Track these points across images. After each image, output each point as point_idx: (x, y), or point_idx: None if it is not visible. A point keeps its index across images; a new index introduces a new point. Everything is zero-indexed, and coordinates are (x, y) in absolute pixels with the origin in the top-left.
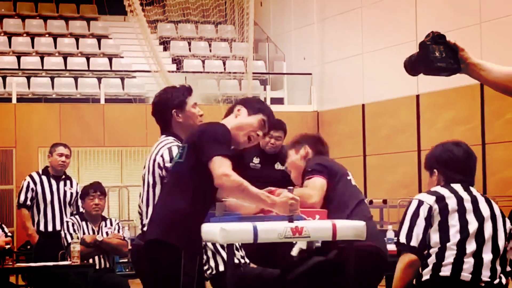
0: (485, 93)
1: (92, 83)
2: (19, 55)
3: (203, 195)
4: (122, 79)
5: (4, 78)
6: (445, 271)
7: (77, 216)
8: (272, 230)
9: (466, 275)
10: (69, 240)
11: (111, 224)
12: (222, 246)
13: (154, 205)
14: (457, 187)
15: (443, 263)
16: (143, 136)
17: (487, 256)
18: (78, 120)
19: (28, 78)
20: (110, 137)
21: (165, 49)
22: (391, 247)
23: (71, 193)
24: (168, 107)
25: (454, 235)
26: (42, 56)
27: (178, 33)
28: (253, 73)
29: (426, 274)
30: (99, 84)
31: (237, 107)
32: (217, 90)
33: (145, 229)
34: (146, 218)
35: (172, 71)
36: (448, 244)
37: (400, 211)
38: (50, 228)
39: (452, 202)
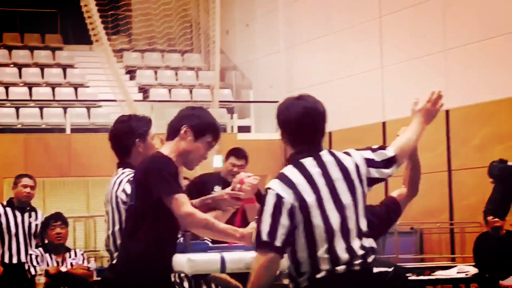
0: (451, 119)
1: (58, 113)
2: None
3: (162, 232)
4: (88, 108)
5: None
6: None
7: (41, 248)
8: (240, 260)
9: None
10: (33, 272)
11: (76, 255)
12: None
13: (120, 243)
14: (309, 163)
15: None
16: (109, 165)
17: (356, 243)
18: (43, 150)
19: None
20: (76, 167)
21: (131, 78)
22: None
23: (36, 225)
24: (131, 135)
25: (321, 239)
26: (7, 86)
27: (144, 62)
28: (220, 101)
29: (303, 282)
30: (65, 114)
31: (183, 129)
32: None
33: (114, 262)
34: (115, 251)
35: (139, 100)
36: (318, 254)
37: None
38: (14, 260)
39: (309, 195)
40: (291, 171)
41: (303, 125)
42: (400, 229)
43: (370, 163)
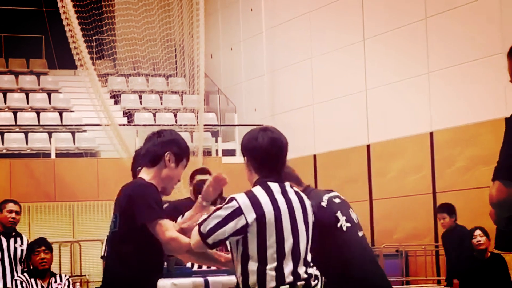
0: (435, 141)
1: (43, 138)
2: None
3: (146, 257)
4: (73, 133)
5: None
6: None
7: (25, 274)
8: (223, 284)
9: None
10: None
11: (61, 280)
12: None
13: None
14: (276, 188)
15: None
16: (94, 190)
17: (302, 268)
18: (28, 175)
19: None
20: (61, 191)
21: (116, 102)
22: None
23: (22, 250)
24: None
25: (272, 258)
26: None
27: (129, 86)
28: (205, 125)
29: None
30: (50, 139)
31: (167, 155)
32: None
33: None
34: None
35: (123, 125)
36: (267, 271)
37: None
38: (0, 286)
39: (271, 216)
40: (258, 191)
41: (270, 153)
42: (386, 251)
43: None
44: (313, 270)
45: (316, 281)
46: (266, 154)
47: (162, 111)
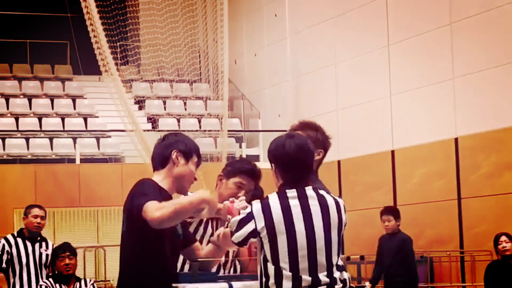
0: (460, 147)
1: (67, 143)
2: None
3: (152, 258)
4: (97, 138)
5: None
6: None
7: (51, 279)
8: None
9: None
10: None
11: (86, 285)
12: None
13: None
14: (291, 194)
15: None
16: (118, 195)
17: (323, 272)
18: (53, 181)
19: (3, 139)
20: (85, 197)
21: (140, 108)
22: None
23: (47, 255)
24: None
25: (285, 262)
26: (17, 117)
27: (153, 92)
28: (229, 130)
29: None
30: (74, 144)
31: (174, 154)
32: None
33: None
34: None
35: (148, 130)
36: (284, 274)
37: None
38: None
39: (280, 222)
40: (273, 198)
41: (296, 160)
42: None
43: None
44: (340, 274)
45: (342, 284)
46: (293, 161)
47: (186, 116)
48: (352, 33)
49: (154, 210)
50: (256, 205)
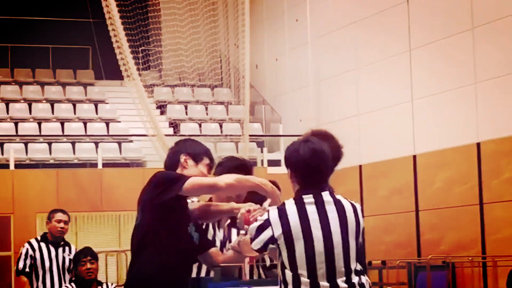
0: (482, 152)
1: (90, 148)
2: (16, 121)
3: (166, 255)
4: (119, 143)
5: (1, 144)
6: None
7: (73, 284)
8: None
9: None
10: None
11: None
12: None
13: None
14: (308, 200)
15: None
16: None
17: (341, 277)
18: (75, 185)
19: (26, 144)
20: (107, 201)
21: (162, 113)
22: None
23: (70, 259)
24: None
25: (303, 268)
26: (39, 121)
27: (175, 96)
28: (250, 135)
29: None
30: (96, 149)
31: (182, 157)
32: (214, 153)
33: None
34: None
35: (169, 135)
36: (301, 280)
37: (399, 272)
38: None
39: (297, 228)
40: (289, 204)
41: (311, 165)
42: (432, 263)
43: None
44: (358, 279)
45: None
46: (308, 166)
47: (208, 121)
48: (374, 38)
49: (215, 179)
50: (273, 211)
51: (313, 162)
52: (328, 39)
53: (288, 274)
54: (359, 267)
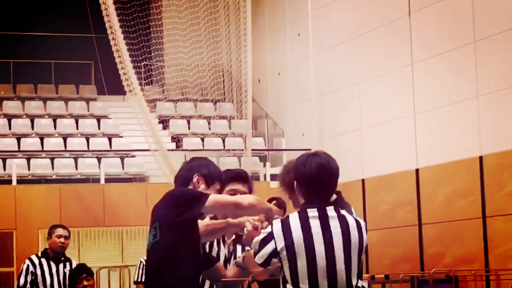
0: (485, 166)
1: (92, 163)
2: (19, 137)
3: (194, 262)
4: (122, 158)
5: (4, 160)
6: None
7: None
8: None
9: None
10: None
11: None
12: None
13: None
14: (312, 214)
15: None
16: (143, 215)
17: None
18: (78, 201)
19: (28, 160)
20: (110, 217)
21: (164, 127)
22: None
23: None
24: None
25: (304, 282)
26: (42, 137)
27: (177, 111)
28: (253, 149)
29: None
30: (99, 164)
31: (196, 177)
32: None
33: None
34: None
35: (172, 150)
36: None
37: (402, 286)
38: None
39: (299, 242)
40: (293, 218)
41: (316, 179)
42: (435, 276)
43: None
44: None
45: None
46: (313, 180)
47: (210, 136)
48: (376, 52)
49: (237, 198)
50: (277, 225)
51: (319, 177)
52: (330, 53)
53: (290, 286)
54: (360, 283)
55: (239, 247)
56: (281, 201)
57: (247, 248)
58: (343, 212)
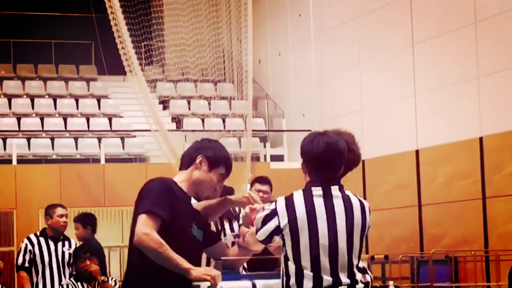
0: (485, 147)
1: (92, 143)
2: (19, 117)
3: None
4: (122, 138)
5: (4, 139)
6: None
7: (72, 279)
8: (271, 287)
9: None
10: None
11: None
12: None
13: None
14: (317, 192)
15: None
16: None
17: (344, 272)
18: (78, 181)
19: (28, 139)
20: (110, 197)
21: (164, 108)
22: None
23: (70, 254)
24: None
25: (306, 260)
26: (42, 117)
27: (178, 92)
28: (253, 130)
29: None
30: (99, 144)
31: (199, 158)
32: None
33: None
34: None
35: (172, 130)
36: (304, 272)
37: (402, 266)
38: None
39: (303, 219)
40: (297, 195)
41: (323, 158)
42: (435, 257)
43: None
44: (362, 276)
45: (362, 286)
46: (320, 158)
47: (211, 116)
48: (377, 33)
49: (146, 231)
50: (281, 202)
51: (326, 156)
52: (331, 34)
53: (291, 266)
54: (361, 264)
55: (227, 224)
56: (267, 179)
57: (242, 227)
58: (347, 192)
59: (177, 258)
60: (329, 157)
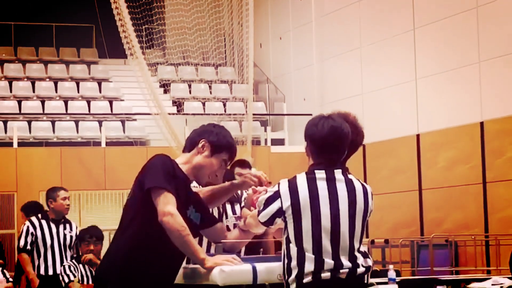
0: (485, 131)
1: (93, 127)
2: (20, 100)
3: (150, 236)
4: (123, 122)
5: (5, 122)
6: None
7: (74, 261)
8: (272, 271)
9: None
10: (67, 280)
11: None
12: None
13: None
14: (320, 175)
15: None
16: None
17: (345, 255)
18: (79, 164)
19: (29, 122)
20: (111, 180)
21: (165, 91)
22: (393, 287)
23: (71, 236)
24: None
25: (308, 242)
26: (43, 100)
27: (178, 75)
28: (254, 114)
29: (292, 283)
30: (100, 128)
31: (202, 142)
32: None
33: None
34: None
35: (173, 114)
36: (306, 255)
37: (402, 250)
38: (50, 272)
39: (305, 202)
40: (301, 178)
41: (327, 142)
42: (435, 241)
43: None
44: (363, 260)
45: (364, 269)
46: (324, 141)
47: (211, 100)
48: (378, 16)
49: (172, 211)
50: (284, 184)
51: (330, 139)
52: (332, 17)
53: (293, 248)
54: (363, 248)
55: (228, 206)
56: (247, 163)
57: (244, 209)
58: (350, 176)
59: (196, 246)
60: (333, 141)
